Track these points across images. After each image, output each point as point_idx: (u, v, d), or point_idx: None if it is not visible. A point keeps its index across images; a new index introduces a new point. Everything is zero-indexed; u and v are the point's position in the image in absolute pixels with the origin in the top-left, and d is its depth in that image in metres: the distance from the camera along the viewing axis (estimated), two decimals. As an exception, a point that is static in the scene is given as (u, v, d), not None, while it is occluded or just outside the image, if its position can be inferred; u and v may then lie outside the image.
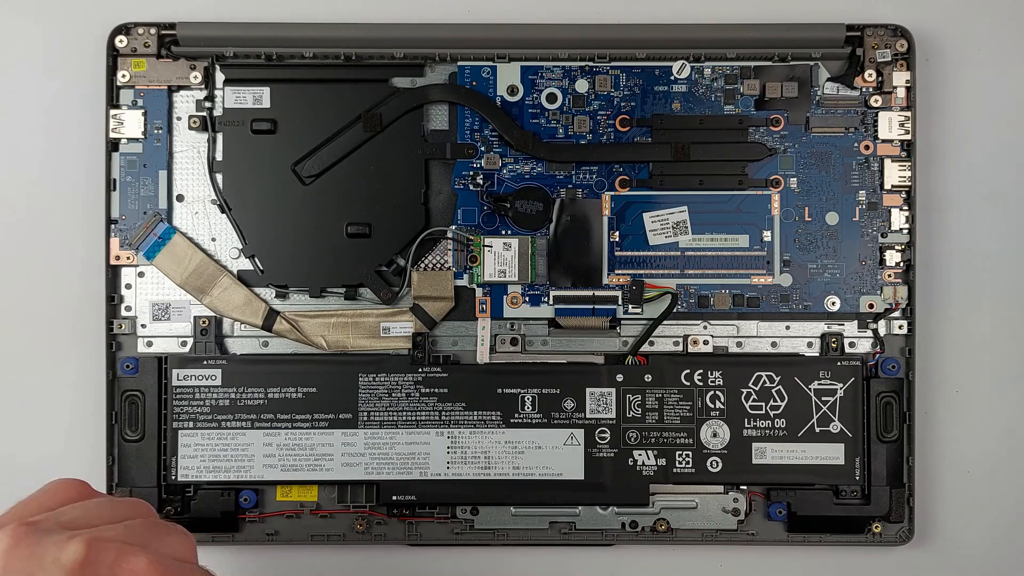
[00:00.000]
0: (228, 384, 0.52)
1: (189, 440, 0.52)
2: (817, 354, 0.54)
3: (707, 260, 0.54)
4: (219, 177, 0.54)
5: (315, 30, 0.53)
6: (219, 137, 0.54)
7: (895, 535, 0.53)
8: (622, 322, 0.54)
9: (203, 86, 0.54)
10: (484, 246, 0.53)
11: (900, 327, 0.54)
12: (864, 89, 0.54)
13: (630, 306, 0.54)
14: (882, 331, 0.54)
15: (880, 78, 0.54)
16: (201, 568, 0.35)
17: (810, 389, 0.53)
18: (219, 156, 0.54)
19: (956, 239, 0.55)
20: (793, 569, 0.55)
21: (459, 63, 0.54)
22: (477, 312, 0.54)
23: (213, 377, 0.52)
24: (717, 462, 0.53)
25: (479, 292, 0.54)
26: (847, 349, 0.54)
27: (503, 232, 0.54)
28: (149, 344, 0.54)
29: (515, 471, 0.52)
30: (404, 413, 0.52)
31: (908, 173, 0.54)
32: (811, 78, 0.54)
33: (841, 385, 0.53)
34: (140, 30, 0.53)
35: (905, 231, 0.54)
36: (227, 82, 0.54)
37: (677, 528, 0.53)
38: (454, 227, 0.54)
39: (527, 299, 0.54)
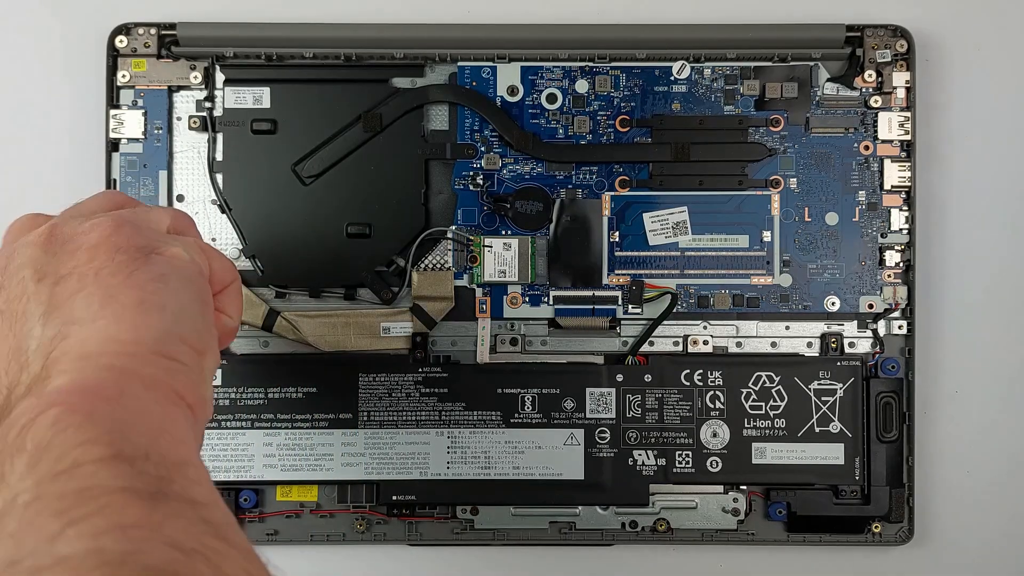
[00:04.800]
0: (228, 384, 0.52)
1: (189, 440, 0.52)
2: (817, 354, 0.54)
3: (707, 260, 0.54)
4: (219, 177, 0.54)
5: (315, 30, 0.53)
6: (219, 137, 0.54)
7: (895, 535, 0.53)
8: (622, 322, 0.54)
9: (203, 86, 0.54)
10: (484, 246, 0.53)
11: (900, 327, 0.54)
12: (864, 89, 0.54)
13: (630, 306, 0.54)
14: (882, 331, 0.54)
15: (880, 78, 0.54)
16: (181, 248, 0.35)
17: (810, 389, 0.53)
18: (219, 156, 0.54)
19: (956, 239, 0.55)
20: (793, 569, 0.55)
21: (459, 63, 0.54)
22: (477, 312, 0.54)
23: (213, 377, 0.52)
24: (717, 462, 0.53)
25: (479, 292, 0.54)
26: (847, 349, 0.54)
27: (503, 232, 0.54)
28: (149, 344, 0.53)
29: (515, 471, 0.52)
30: (404, 413, 0.52)
31: (908, 173, 0.54)
32: (811, 78, 0.54)
33: (841, 385, 0.53)
34: (140, 30, 0.54)
35: (905, 231, 0.54)
36: (227, 82, 0.54)
37: (677, 528, 0.53)
38: (454, 227, 0.54)
39: (527, 299, 0.54)
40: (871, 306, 0.54)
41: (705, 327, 0.54)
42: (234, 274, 0.39)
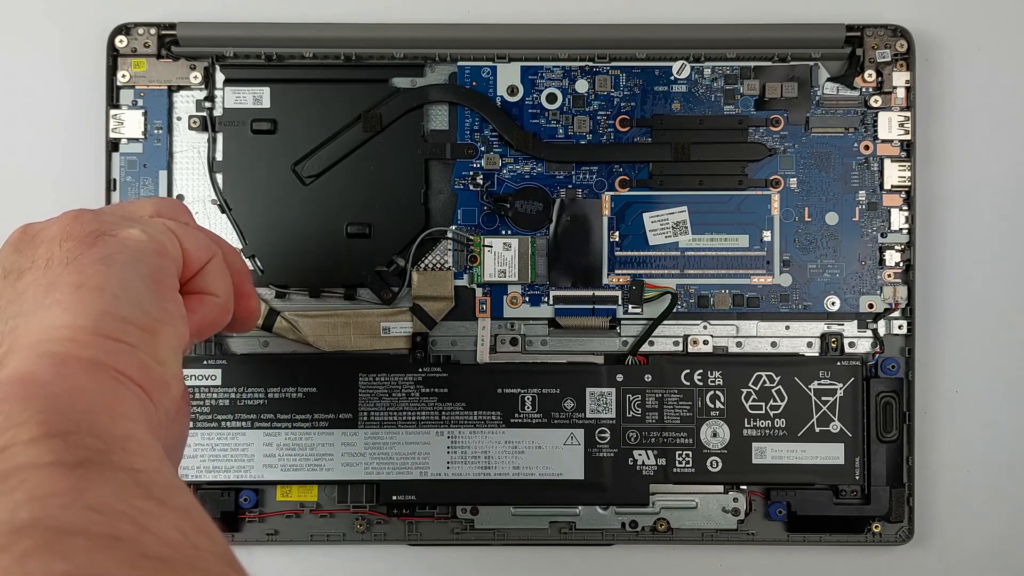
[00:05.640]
0: (228, 384, 0.52)
1: (189, 440, 0.52)
2: (817, 354, 0.54)
3: (707, 260, 0.54)
4: (219, 177, 0.54)
5: (315, 30, 0.53)
6: (219, 137, 0.54)
7: (895, 535, 0.53)
8: (622, 322, 0.54)
9: (203, 86, 0.54)
10: (484, 246, 0.53)
11: (900, 327, 0.54)
12: (864, 89, 0.54)
13: (630, 306, 0.54)
14: (882, 331, 0.54)
15: (880, 78, 0.54)
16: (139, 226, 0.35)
17: (810, 389, 0.53)
18: (219, 156, 0.54)
19: (956, 239, 0.55)
20: (793, 569, 0.55)
21: (459, 63, 0.54)
22: (477, 312, 0.54)
23: (213, 377, 0.52)
24: (717, 462, 0.53)
25: (479, 292, 0.54)
26: (847, 349, 0.54)
27: (503, 232, 0.54)
28: (149, 344, 0.53)
29: (515, 471, 0.52)
30: (404, 413, 0.52)
31: (908, 173, 0.54)
32: (811, 78, 0.54)
33: (841, 385, 0.53)
34: (140, 30, 0.54)
35: (905, 231, 0.54)
36: (227, 82, 0.54)
37: (677, 528, 0.53)
38: (454, 227, 0.54)
39: (527, 299, 0.54)
40: (871, 306, 0.54)
41: (705, 327, 0.54)
42: (212, 251, 0.37)
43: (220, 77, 0.54)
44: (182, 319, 0.34)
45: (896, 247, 0.54)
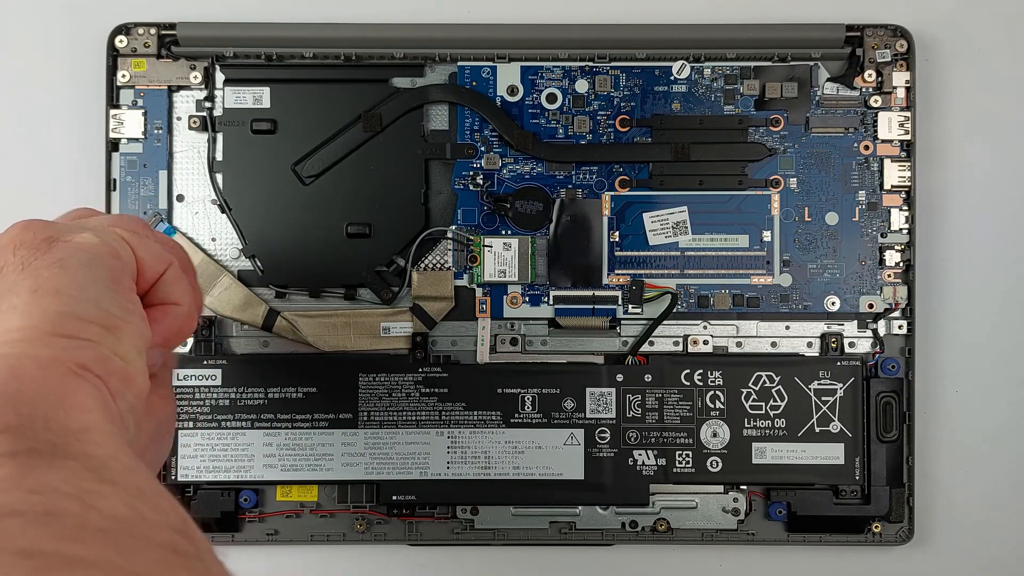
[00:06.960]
0: (228, 384, 0.52)
1: (189, 440, 0.52)
2: (817, 354, 0.54)
3: (707, 260, 0.54)
4: (219, 177, 0.54)
5: (315, 30, 0.53)
6: (219, 137, 0.54)
7: (895, 535, 0.53)
8: (622, 322, 0.54)
9: (203, 86, 0.54)
10: (484, 246, 0.53)
11: (900, 327, 0.54)
12: (864, 89, 0.54)
13: (630, 306, 0.54)
14: (882, 331, 0.54)
15: (880, 78, 0.54)
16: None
17: (810, 389, 0.53)
18: (219, 156, 0.54)
19: (956, 239, 0.55)
20: (793, 569, 0.55)
21: (459, 63, 0.54)
22: (477, 312, 0.54)
23: (213, 377, 0.52)
24: (717, 462, 0.53)
25: (479, 292, 0.54)
26: (847, 349, 0.54)
27: (503, 232, 0.54)
28: (149, 344, 0.53)
29: (515, 471, 0.52)
30: (404, 413, 0.52)
31: (908, 173, 0.54)
32: (811, 78, 0.54)
33: (841, 385, 0.53)
34: (140, 30, 0.54)
35: (905, 231, 0.54)
36: (227, 82, 0.54)
37: (677, 528, 0.53)
38: (454, 227, 0.54)
39: (527, 299, 0.54)
40: (871, 306, 0.54)
41: (705, 327, 0.54)
42: (167, 260, 0.37)
43: (220, 77, 0.54)
44: (142, 318, 0.33)
45: (896, 247, 0.54)
